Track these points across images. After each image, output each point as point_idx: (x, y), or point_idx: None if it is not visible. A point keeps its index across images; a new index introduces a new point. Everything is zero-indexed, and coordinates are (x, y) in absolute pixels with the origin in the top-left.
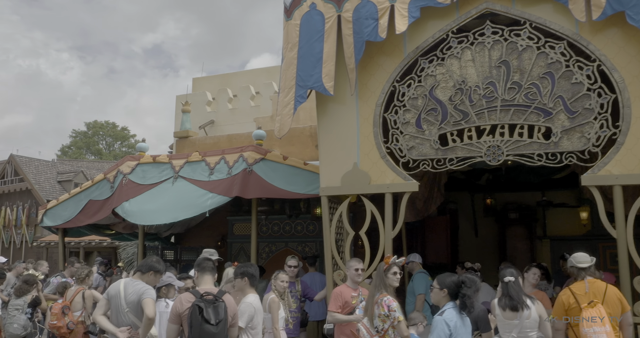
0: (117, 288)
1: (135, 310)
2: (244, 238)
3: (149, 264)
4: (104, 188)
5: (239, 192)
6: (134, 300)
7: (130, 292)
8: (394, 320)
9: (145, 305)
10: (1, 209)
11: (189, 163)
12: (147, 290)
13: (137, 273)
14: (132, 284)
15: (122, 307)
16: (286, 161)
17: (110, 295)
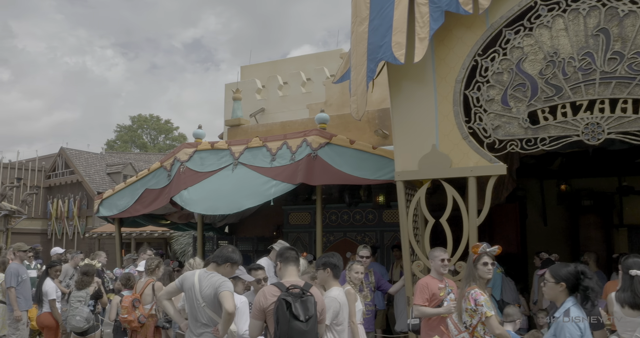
0: (192, 280)
1: (212, 305)
2: (300, 228)
3: (225, 255)
4: (161, 177)
5: (304, 178)
6: (209, 293)
7: (206, 285)
8: (482, 315)
9: (224, 299)
10: (53, 202)
11: (249, 149)
12: (224, 282)
13: (212, 265)
14: (207, 276)
15: (197, 301)
16: (353, 145)
17: (185, 287)
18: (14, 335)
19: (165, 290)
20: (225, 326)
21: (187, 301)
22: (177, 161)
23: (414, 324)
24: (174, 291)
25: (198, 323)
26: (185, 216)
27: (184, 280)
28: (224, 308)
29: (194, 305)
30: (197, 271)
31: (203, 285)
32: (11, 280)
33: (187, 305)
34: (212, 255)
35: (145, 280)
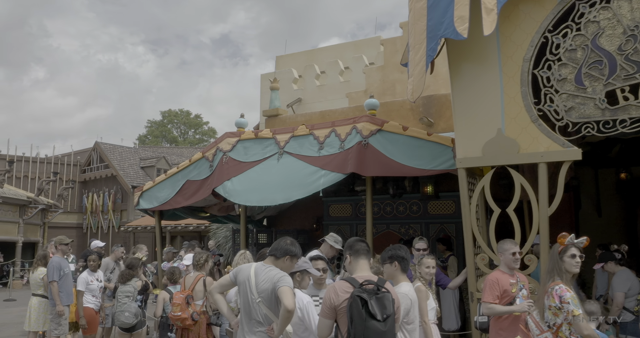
0: (247, 273)
1: (268, 301)
2: (341, 220)
3: (284, 247)
4: (203, 167)
5: (355, 168)
6: (267, 288)
7: (263, 279)
8: (568, 314)
9: (283, 295)
10: (89, 196)
11: (295, 137)
12: (283, 276)
13: (269, 258)
14: (264, 270)
15: (252, 296)
16: (407, 131)
17: (239, 280)
18: (56, 331)
19: (218, 283)
20: (283, 325)
21: (241, 295)
22: (220, 151)
23: (482, 322)
24: (227, 284)
25: (252, 321)
26: (225, 208)
27: (238, 272)
28: (282, 305)
29: (248, 300)
30: (254, 264)
31: (260, 279)
32: (53, 273)
33: (241, 300)
34: (270, 247)
35: (194, 275)
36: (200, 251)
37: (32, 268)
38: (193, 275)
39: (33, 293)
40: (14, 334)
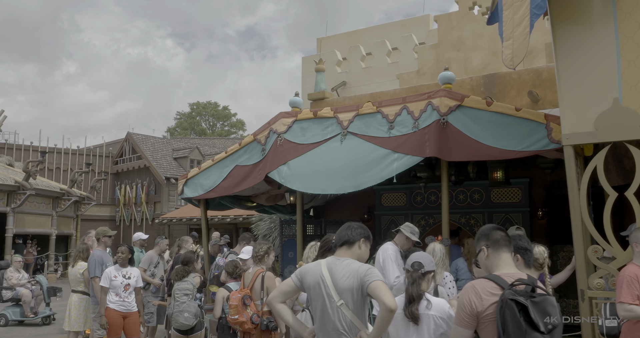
0: (317, 273)
1: (354, 303)
2: (395, 210)
3: (356, 230)
4: (254, 151)
5: (435, 151)
6: (349, 286)
7: (343, 275)
8: None
9: (379, 291)
10: (121, 188)
11: (360, 116)
12: (370, 269)
13: (340, 250)
14: (341, 264)
15: (330, 299)
16: (491, 107)
17: (308, 283)
18: (99, 331)
19: (280, 290)
20: (381, 328)
21: (313, 302)
22: (274, 133)
23: (611, 327)
24: (291, 290)
25: (331, 332)
26: (273, 197)
27: (304, 274)
28: (382, 305)
29: (326, 305)
30: (322, 261)
31: (338, 276)
32: (95, 268)
33: (314, 307)
34: (336, 237)
35: (253, 271)
36: (261, 242)
37: (72, 262)
38: (252, 271)
39: (73, 290)
40: (52, 332)
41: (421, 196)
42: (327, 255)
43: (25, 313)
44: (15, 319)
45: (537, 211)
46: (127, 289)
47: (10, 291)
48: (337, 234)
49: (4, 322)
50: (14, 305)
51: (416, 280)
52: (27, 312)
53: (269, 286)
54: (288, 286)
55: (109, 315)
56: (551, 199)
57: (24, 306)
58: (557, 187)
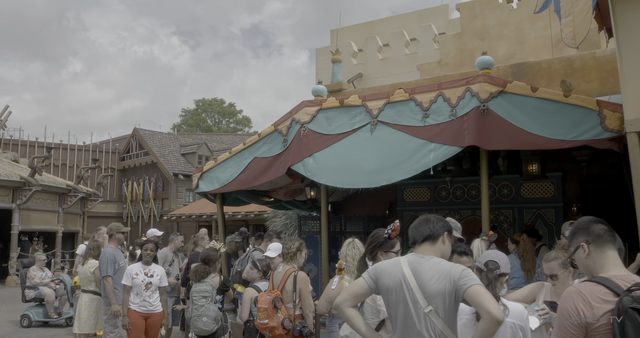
0: (398, 273)
1: (445, 309)
2: (418, 206)
3: (439, 223)
4: (275, 142)
5: (475, 140)
6: (441, 290)
7: (431, 276)
8: None
9: (481, 298)
10: (128, 184)
11: (391, 103)
12: (465, 270)
13: (423, 246)
14: (427, 263)
15: (416, 305)
16: (537, 92)
17: (386, 284)
18: (112, 333)
19: (350, 293)
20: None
21: (392, 308)
22: (296, 123)
23: None
24: (363, 293)
25: None
26: (291, 192)
27: (380, 274)
28: (486, 315)
29: (410, 312)
30: (401, 258)
31: (425, 278)
32: (107, 267)
33: (393, 313)
34: (412, 232)
35: (283, 270)
36: (292, 238)
37: (82, 260)
38: (282, 270)
39: (83, 290)
40: (60, 333)
41: (446, 191)
42: (377, 252)
43: (49, 314)
44: (38, 320)
45: (571, 206)
46: (149, 288)
47: (33, 291)
48: (413, 229)
49: (27, 323)
50: (37, 305)
51: (492, 281)
52: (51, 313)
53: (302, 288)
54: (359, 288)
55: (130, 317)
56: (586, 194)
57: (47, 306)
58: (593, 181)
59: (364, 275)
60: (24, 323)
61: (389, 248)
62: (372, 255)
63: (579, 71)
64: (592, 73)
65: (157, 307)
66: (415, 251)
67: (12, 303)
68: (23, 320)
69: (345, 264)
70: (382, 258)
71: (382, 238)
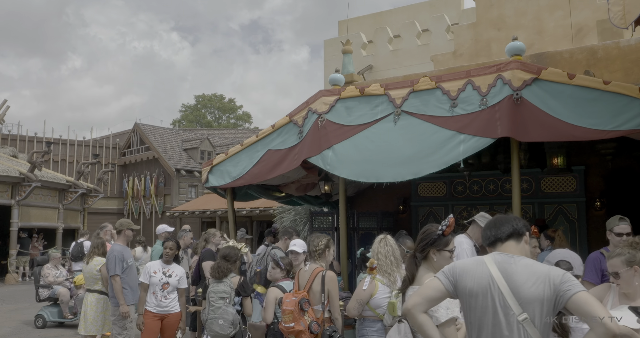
0: (483, 274)
1: (542, 318)
2: (433, 201)
3: (518, 219)
4: (289, 133)
5: (507, 131)
6: (539, 295)
7: (527, 279)
8: None
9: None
10: (129, 180)
11: (416, 92)
12: (565, 274)
13: (508, 243)
14: (520, 263)
15: (507, 312)
16: (574, 80)
17: (466, 288)
18: (120, 335)
19: (423, 296)
20: None
21: (476, 314)
22: (313, 113)
23: None
24: (439, 296)
25: None
26: (303, 187)
27: (460, 275)
28: (599, 327)
29: (499, 320)
30: (485, 258)
31: (519, 280)
32: (116, 265)
33: (478, 321)
34: (493, 230)
35: (310, 269)
36: (318, 235)
37: (86, 258)
38: (308, 269)
39: (88, 289)
40: (64, 333)
41: (462, 185)
42: (429, 250)
43: (64, 314)
44: (53, 320)
45: (594, 201)
46: (166, 288)
47: (47, 290)
48: (491, 227)
49: (42, 323)
50: (52, 305)
51: None
52: (66, 313)
53: (331, 288)
54: (434, 291)
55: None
56: (610, 189)
57: (62, 306)
58: (618, 175)
59: (438, 276)
60: (39, 324)
61: (442, 246)
62: (423, 254)
63: (602, 61)
64: (616, 63)
65: (173, 307)
66: (498, 250)
67: (11, 302)
68: (37, 321)
69: (377, 263)
70: (435, 257)
71: (435, 234)
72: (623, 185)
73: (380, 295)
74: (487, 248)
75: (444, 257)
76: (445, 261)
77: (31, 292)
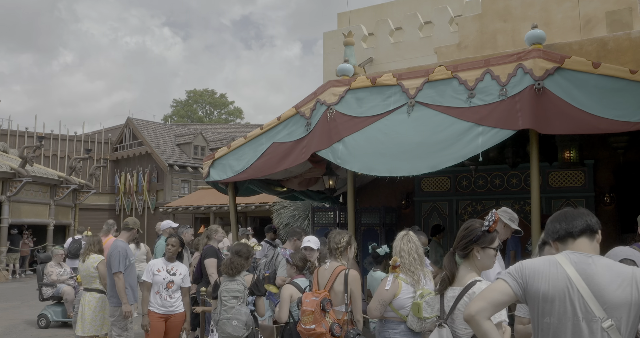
0: (559, 275)
1: (628, 324)
2: (437, 196)
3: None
4: (296, 126)
5: (529, 122)
6: (626, 299)
7: (611, 281)
8: None
9: None
10: (121, 176)
11: (430, 82)
12: None
13: (581, 238)
14: (599, 264)
15: (589, 317)
16: (598, 69)
17: (539, 290)
18: (120, 337)
19: (488, 300)
20: None
21: (550, 320)
22: (322, 105)
23: None
24: (507, 300)
25: None
26: (306, 181)
27: (530, 276)
28: None
29: (580, 327)
30: (559, 257)
31: (602, 283)
32: (119, 262)
33: (553, 328)
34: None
35: (331, 267)
36: (339, 231)
37: (82, 255)
38: (329, 267)
39: (85, 288)
40: (57, 334)
41: (467, 180)
42: (473, 248)
43: (68, 313)
44: (57, 320)
45: (603, 196)
46: (170, 287)
47: (51, 289)
48: (560, 221)
49: (45, 323)
50: (55, 304)
51: None
52: (70, 312)
53: (354, 288)
54: (501, 295)
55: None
56: (620, 183)
57: (66, 305)
58: (628, 169)
59: (505, 277)
60: (42, 324)
61: (487, 243)
62: (466, 252)
63: (613, 52)
64: (627, 55)
65: (178, 307)
66: (570, 248)
67: (2, 300)
68: (40, 320)
69: (401, 260)
70: (479, 255)
71: (480, 231)
72: (634, 180)
73: (403, 295)
74: (553, 243)
75: (489, 255)
76: (489, 260)
77: (22, 290)
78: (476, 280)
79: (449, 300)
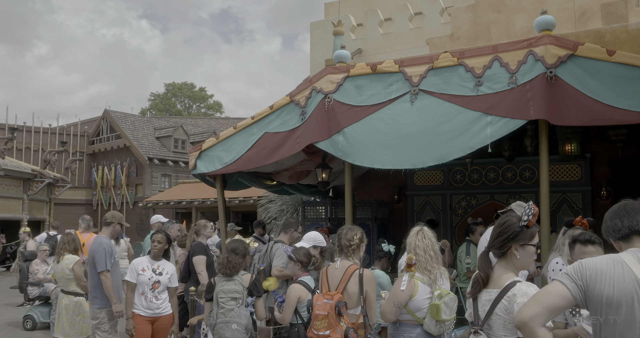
0: (627, 277)
1: None
2: (430, 190)
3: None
4: (290, 115)
5: (541, 112)
6: None
7: None
8: None
9: None
10: (98, 169)
11: (435, 70)
12: None
13: (634, 237)
14: None
15: None
16: (613, 56)
17: (603, 294)
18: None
19: (543, 305)
20: None
21: (615, 329)
22: (318, 93)
23: None
24: (564, 305)
25: None
26: (297, 175)
27: (592, 278)
28: None
29: None
30: (625, 256)
31: None
32: (106, 260)
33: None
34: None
35: (342, 267)
36: (350, 227)
37: (56, 255)
38: (340, 267)
39: (62, 290)
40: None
41: (461, 174)
42: (511, 245)
43: None
44: (44, 321)
45: (600, 190)
46: (156, 288)
47: (37, 288)
48: (625, 214)
49: (31, 325)
50: (42, 305)
51: None
52: None
53: (370, 290)
54: (558, 298)
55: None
56: (618, 177)
57: (54, 305)
58: (626, 163)
59: (562, 279)
60: (28, 325)
61: (527, 239)
62: (503, 251)
63: (610, 44)
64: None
65: (165, 308)
66: (637, 246)
67: None
68: (26, 322)
69: (417, 258)
70: (518, 253)
71: (517, 227)
72: (631, 174)
73: (420, 296)
74: (615, 243)
75: (529, 253)
76: (529, 258)
77: None
78: (515, 280)
79: (484, 304)
